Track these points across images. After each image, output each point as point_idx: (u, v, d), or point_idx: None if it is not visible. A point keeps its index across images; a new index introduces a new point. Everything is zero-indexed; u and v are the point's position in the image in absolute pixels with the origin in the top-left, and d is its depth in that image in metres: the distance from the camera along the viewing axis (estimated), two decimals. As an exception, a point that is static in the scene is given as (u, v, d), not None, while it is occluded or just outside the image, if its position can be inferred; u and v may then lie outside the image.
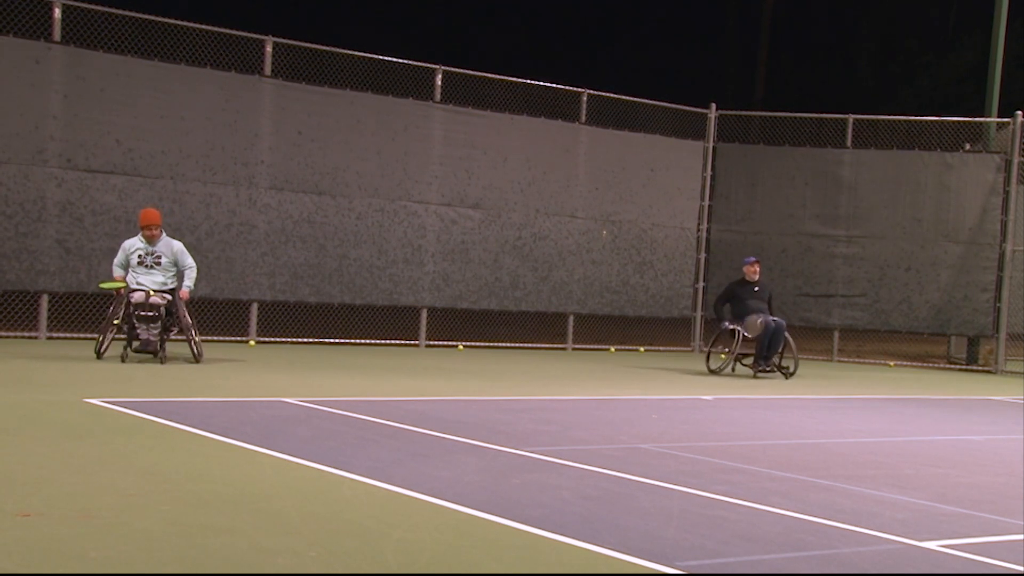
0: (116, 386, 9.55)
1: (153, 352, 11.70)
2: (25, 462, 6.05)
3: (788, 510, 5.79)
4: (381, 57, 16.21)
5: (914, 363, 18.96)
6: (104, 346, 11.89)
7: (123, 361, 11.53)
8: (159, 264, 12.02)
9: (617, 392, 11.89)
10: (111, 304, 12.07)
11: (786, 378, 14.14)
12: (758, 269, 14.75)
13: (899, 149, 18.38)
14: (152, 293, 11.81)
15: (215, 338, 14.55)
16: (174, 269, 12.08)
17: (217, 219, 14.91)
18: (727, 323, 14.39)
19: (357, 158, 15.93)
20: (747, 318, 14.21)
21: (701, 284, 19.05)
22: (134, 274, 11.97)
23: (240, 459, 6.51)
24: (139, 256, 12.00)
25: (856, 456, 8.06)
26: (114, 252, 14.13)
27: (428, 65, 16.59)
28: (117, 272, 12.06)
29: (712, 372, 14.47)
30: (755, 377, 14.07)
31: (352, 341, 15.93)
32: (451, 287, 16.81)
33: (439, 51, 23.36)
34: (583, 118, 17.93)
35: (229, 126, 14.99)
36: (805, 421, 10.38)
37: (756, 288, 14.60)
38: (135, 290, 11.83)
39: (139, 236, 12.10)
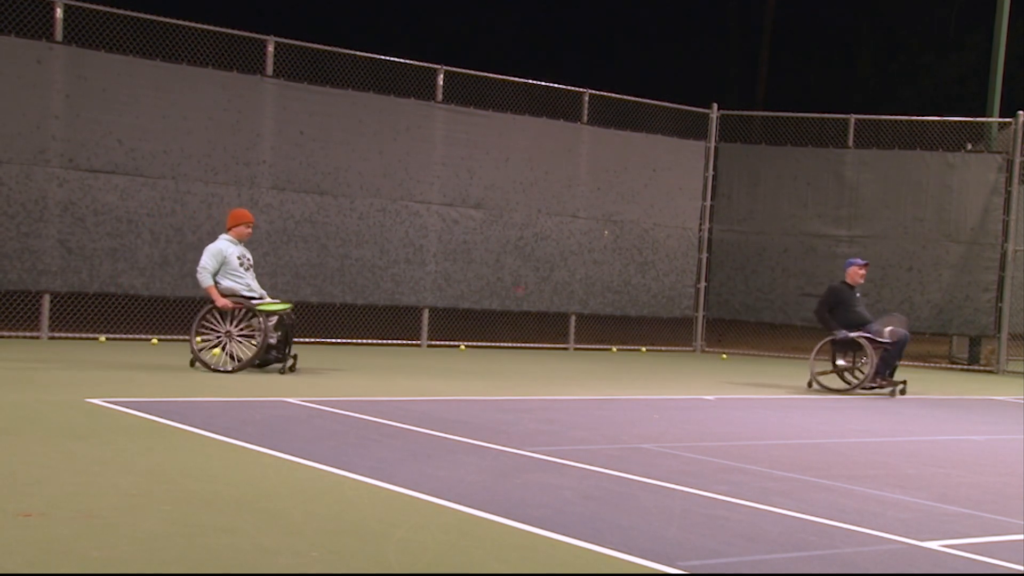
0: (118, 386, 9.56)
1: (283, 360, 11.26)
2: (26, 462, 6.05)
3: (790, 510, 5.79)
4: (383, 57, 16.22)
5: (916, 363, 18.94)
6: (233, 365, 10.92)
7: (282, 373, 11.05)
8: (251, 266, 11.50)
9: (619, 392, 11.89)
10: (217, 311, 11.09)
11: (901, 394, 12.79)
12: (865, 273, 13.35)
13: (901, 149, 18.37)
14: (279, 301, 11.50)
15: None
16: None
17: (219, 219, 14.86)
18: (843, 332, 12.72)
19: (359, 158, 15.93)
20: (886, 322, 12.75)
21: (703, 284, 19.05)
22: (236, 277, 11.21)
23: (242, 459, 6.52)
24: (239, 259, 11.30)
25: (858, 456, 8.06)
26: (115, 252, 14.23)
27: (430, 65, 16.59)
28: (209, 280, 11.06)
29: (824, 387, 12.87)
30: (862, 391, 12.69)
31: (354, 341, 15.93)
32: (453, 287, 16.81)
33: (441, 51, 23.36)
34: (585, 118, 17.93)
35: (231, 126, 14.99)
36: (806, 421, 10.37)
37: (858, 294, 13.20)
38: (248, 297, 11.17)
39: (227, 239, 11.38)
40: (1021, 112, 17.82)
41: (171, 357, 12.36)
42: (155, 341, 14.34)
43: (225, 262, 11.21)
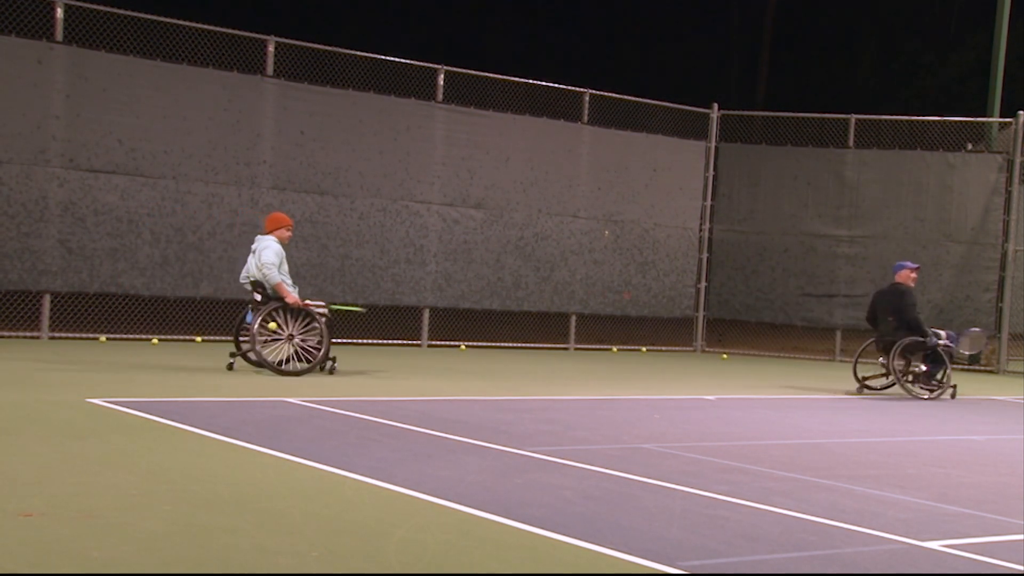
0: (118, 386, 9.56)
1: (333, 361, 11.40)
2: (27, 462, 6.05)
3: (790, 510, 5.79)
4: (383, 57, 16.21)
5: (916, 363, 18.93)
6: (297, 365, 11.05)
7: (331, 373, 11.25)
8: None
9: (619, 392, 11.89)
10: (281, 311, 11.08)
11: (953, 397, 12.91)
12: (916, 276, 13.21)
13: (901, 149, 18.37)
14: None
15: (219, 338, 14.54)
16: None
17: (219, 219, 14.91)
18: (933, 339, 12.71)
19: (359, 158, 15.93)
20: (969, 334, 12.98)
21: (703, 284, 19.04)
22: (284, 278, 11.17)
23: (242, 459, 6.52)
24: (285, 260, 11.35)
25: (858, 456, 8.06)
26: (116, 252, 14.22)
27: (430, 65, 16.59)
28: (278, 276, 11.02)
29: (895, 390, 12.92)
30: (923, 399, 12.68)
31: (354, 341, 15.92)
32: (453, 287, 16.81)
33: (441, 51, 23.37)
34: (585, 118, 17.92)
35: (231, 126, 15.00)
36: (807, 421, 10.37)
37: None
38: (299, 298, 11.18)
39: (274, 239, 11.30)
40: (1021, 112, 17.81)
41: (171, 357, 12.37)
42: (155, 341, 14.34)
43: (281, 263, 11.24)
